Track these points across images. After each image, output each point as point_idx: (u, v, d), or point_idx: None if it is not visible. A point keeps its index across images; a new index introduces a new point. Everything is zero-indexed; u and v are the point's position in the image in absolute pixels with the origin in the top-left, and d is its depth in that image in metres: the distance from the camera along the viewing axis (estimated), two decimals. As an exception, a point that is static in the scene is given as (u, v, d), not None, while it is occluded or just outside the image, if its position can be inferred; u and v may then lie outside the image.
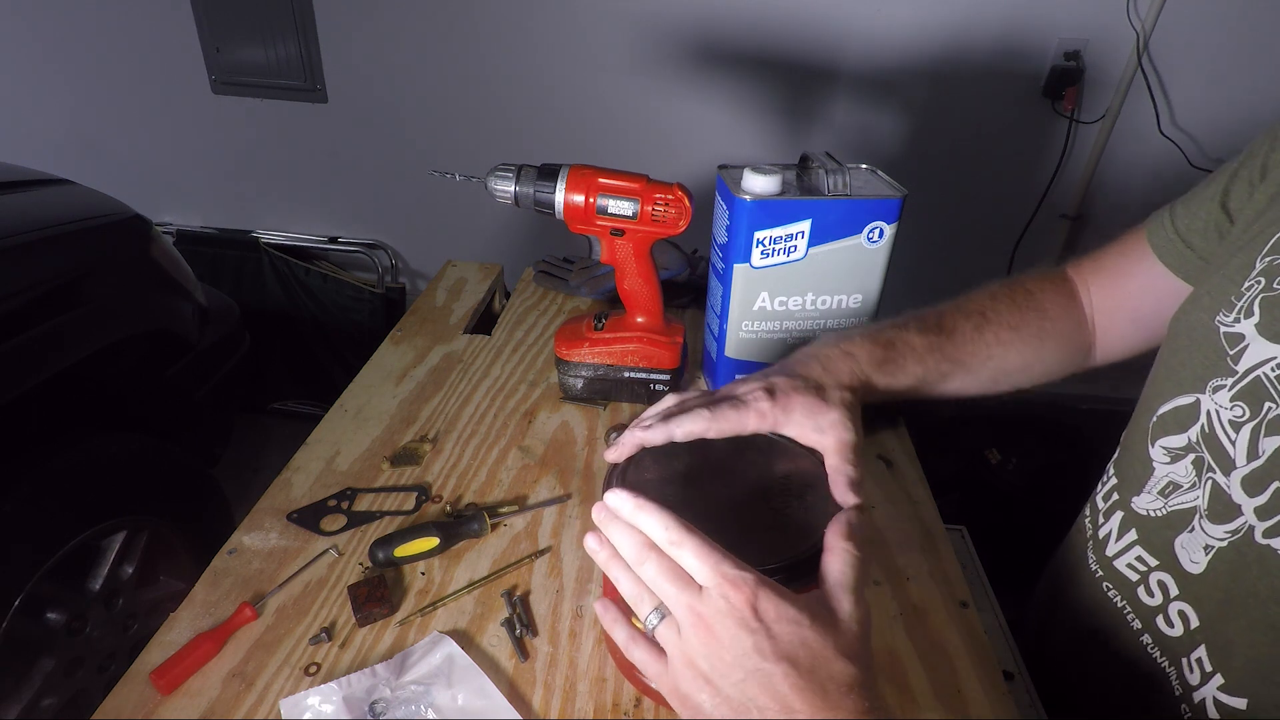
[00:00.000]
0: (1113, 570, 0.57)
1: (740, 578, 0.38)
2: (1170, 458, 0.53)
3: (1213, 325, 0.50)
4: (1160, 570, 0.53)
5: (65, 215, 1.20)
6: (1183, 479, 0.51)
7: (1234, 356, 0.48)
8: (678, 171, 0.87)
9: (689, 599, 0.39)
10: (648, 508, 0.41)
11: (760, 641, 0.37)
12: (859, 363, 0.58)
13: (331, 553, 0.64)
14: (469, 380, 0.88)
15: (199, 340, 1.39)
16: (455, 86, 1.93)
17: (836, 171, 0.71)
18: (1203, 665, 0.50)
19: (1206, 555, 0.49)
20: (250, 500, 0.69)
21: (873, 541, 0.68)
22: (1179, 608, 0.52)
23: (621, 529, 0.42)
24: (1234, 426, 0.47)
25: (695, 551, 0.39)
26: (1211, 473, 0.49)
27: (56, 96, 2.02)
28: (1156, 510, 0.53)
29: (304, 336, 2.17)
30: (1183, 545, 0.51)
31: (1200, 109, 1.80)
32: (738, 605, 0.38)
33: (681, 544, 0.40)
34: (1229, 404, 0.48)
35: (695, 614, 0.39)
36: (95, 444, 1.17)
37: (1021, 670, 0.67)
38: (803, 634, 0.38)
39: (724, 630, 0.38)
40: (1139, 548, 0.55)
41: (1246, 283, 0.49)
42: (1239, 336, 0.48)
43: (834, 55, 1.80)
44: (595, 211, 0.74)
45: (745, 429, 0.52)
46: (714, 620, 0.38)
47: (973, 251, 2.04)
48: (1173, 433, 0.53)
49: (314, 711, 0.51)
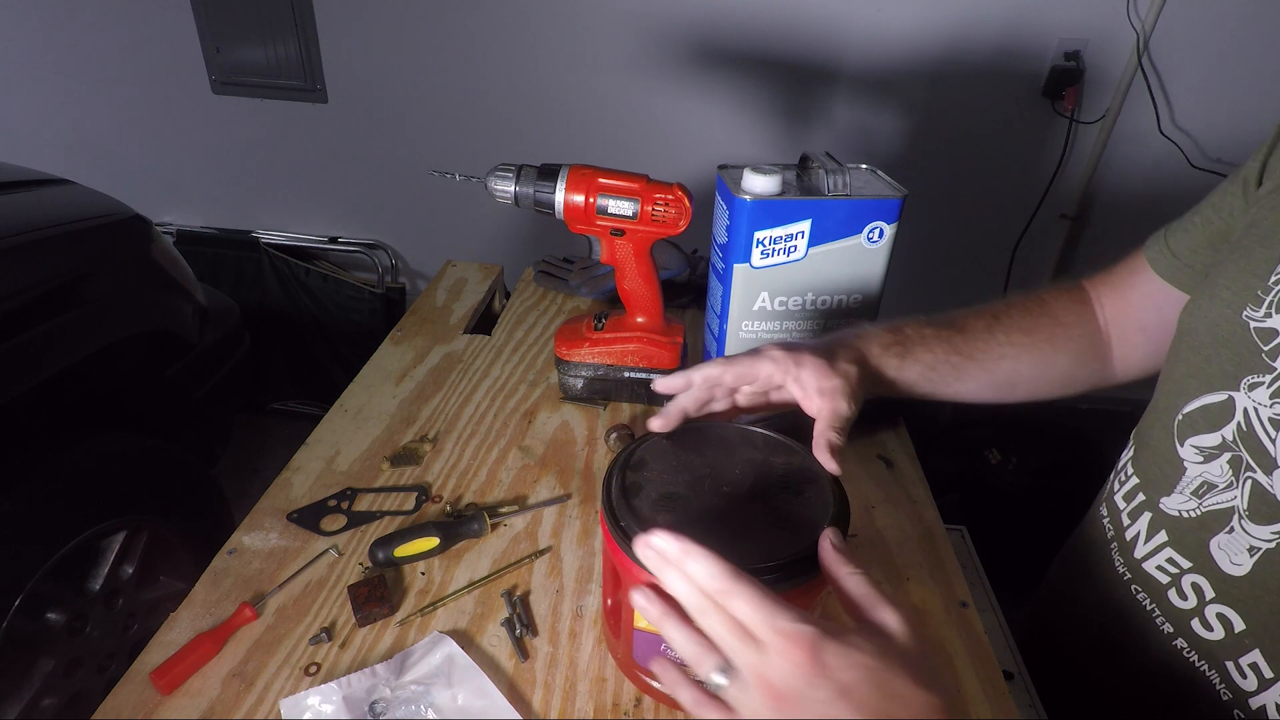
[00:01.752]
0: (1141, 572, 0.56)
1: (797, 631, 0.37)
2: (1204, 457, 0.51)
3: (1241, 320, 0.49)
4: (1194, 573, 0.52)
5: (65, 215, 1.20)
6: (1218, 479, 0.50)
7: (1269, 353, 0.47)
8: (678, 171, 0.87)
9: (751, 657, 0.38)
10: (695, 553, 0.40)
11: (832, 698, 0.36)
12: (869, 344, 0.60)
13: (331, 553, 0.64)
14: (469, 380, 0.88)
15: (199, 340, 1.39)
16: (455, 86, 1.93)
17: (836, 171, 0.71)
18: (1259, 670, 0.49)
19: (1252, 557, 0.48)
20: (250, 500, 0.69)
21: (872, 541, 0.68)
22: (1217, 610, 0.51)
23: (676, 577, 0.41)
24: (1275, 425, 0.46)
25: (748, 602, 0.38)
26: (1251, 472, 0.48)
27: (57, 96, 2.02)
28: (1190, 511, 0.52)
29: (304, 336, 2.17)
30: (1221, 546, 0.50)
31: (1200, 109, 1.80)
32: (801, 663, 0.36)
33: (731, 594, 0.38)
34: (1269, 401, 0.47)
35: (759, 676, 0.37)
36: (95, 444, 1.17)
37: (1021, 670, 0.67)
38: (874, 676, 0.37)
39: (792, 692, 0.36)
40: (1170, 549, 0.54)
41: (1273, 277, 0.48)
42: (1273, 332, 0.47)
43: (834, 55, 1.80)
44: (595, 211, 0.74)
45: (758, 374, 0.55)
46: (780, 683, 0.37)
47: (973, 251, 2.04)
48: (1203, 431, 0.52)
49: (314, 711, 0.51)
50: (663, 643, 0.48)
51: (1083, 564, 0.64)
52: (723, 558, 0.40)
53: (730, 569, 0.39)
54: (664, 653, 0.48)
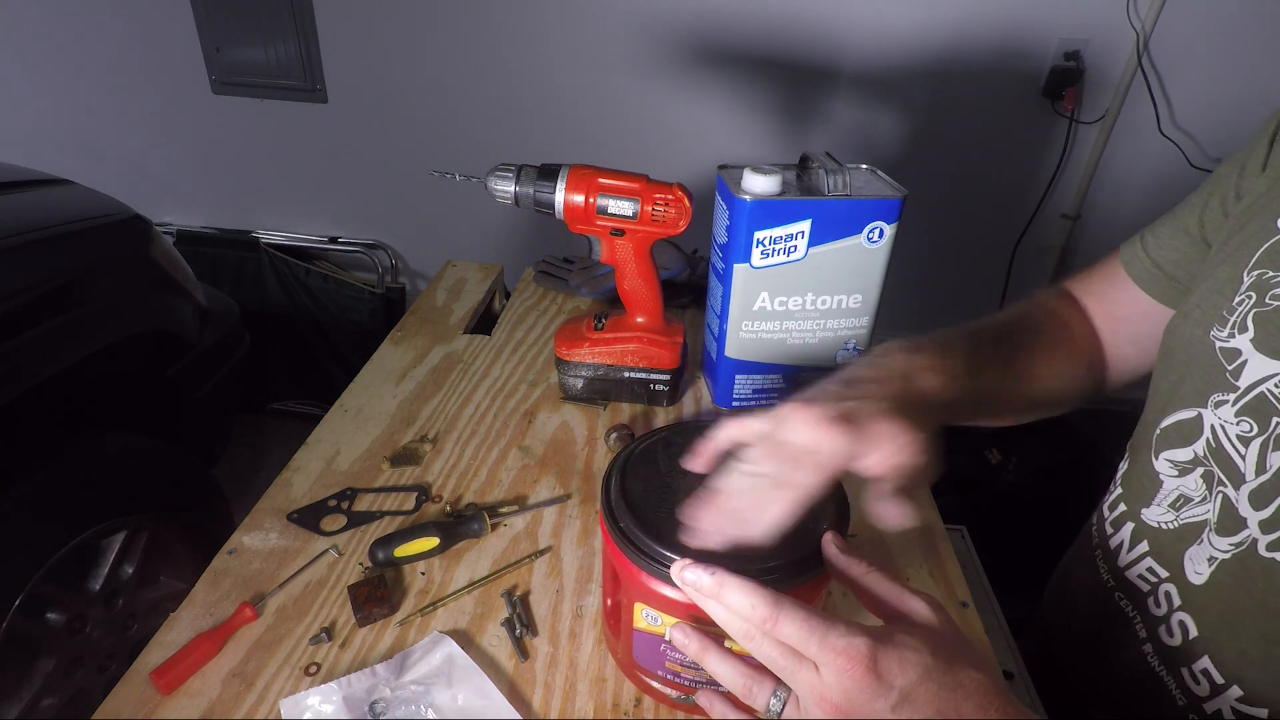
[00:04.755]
0: (1124, 580, 0.57)
1: (851, 646, 0.36)
2: (1178, 471, 0.53)
3: (1208, 340, 0.51)
4: (1168, 582, 0.53)
5: (65, 215, 1.20)
6: (1194, 493, 0.52)
7: (1233, 372, 0.49)
8: (678, 171, 0.87)
9: (808, 678, 0.37)
10: (730, 584, 0.39)
11: (897, 704, 0.36)
12: (916, 372, 0.51)
13: (331, 553, 0.64)
14: (469, 380, 0.88)
15: (199, 340, 1.39)
16: (455, 86, 1.93)
17: (836, 171, 0.71)
18: (1210, 677, 0.49)
19: (1210, 567, 0.49)
20: (250, 500, 0.69)
21: (872, 541, 0.68)
22: (1179, 618, 0.52)
23: (717, 608, 0.40)
24: (1242, 441, 0.48)
25: (795, 624, 0.38)
26: (1222, 487, 0.49)
27: (56, 96, 2.02)
28: (1168, 523, 0.53)
29: (304, 336, 2.17)
30: (1190, 558, 0.51)
31: (1200, 109, 1.80)
32: (860, 677, 0.36)
33: (777, 619, 0.38)
34: (1234, 419, 0.48)
35: (820, 696, 0.37)
36: (95, 444, 1.17)
37: (1021, 670, 0.67)
38: (932, 672, 0.37)
39: (857, 707, 0.36)
40: (1150, 559, 0.55)
41: (1237, 297, 0.49)
42: (1236, 352, 0.49)
43: (834, 55, 1.80)
44: (595, 211, 0.74)
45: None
46: (842, 699, 0.37)
47: (973, 251, 2.04)
48: (1176, 446, 0.53)
49: (314, 711, 0.51)
50: (662, 645, 0.48)
51: (1076, 570, 0.65)
52: (719, 565, 0.40)
53: (770, 594, 0.39)
54: (709, 685, 0.48)
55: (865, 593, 0.42)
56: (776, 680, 0.40)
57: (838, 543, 0.44)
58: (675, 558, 0.42)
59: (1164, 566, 0.54)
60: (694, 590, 0.41)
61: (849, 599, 0.60)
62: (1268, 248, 0.49)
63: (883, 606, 0.42)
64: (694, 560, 0.41)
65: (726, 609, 0.40)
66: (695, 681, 0.49)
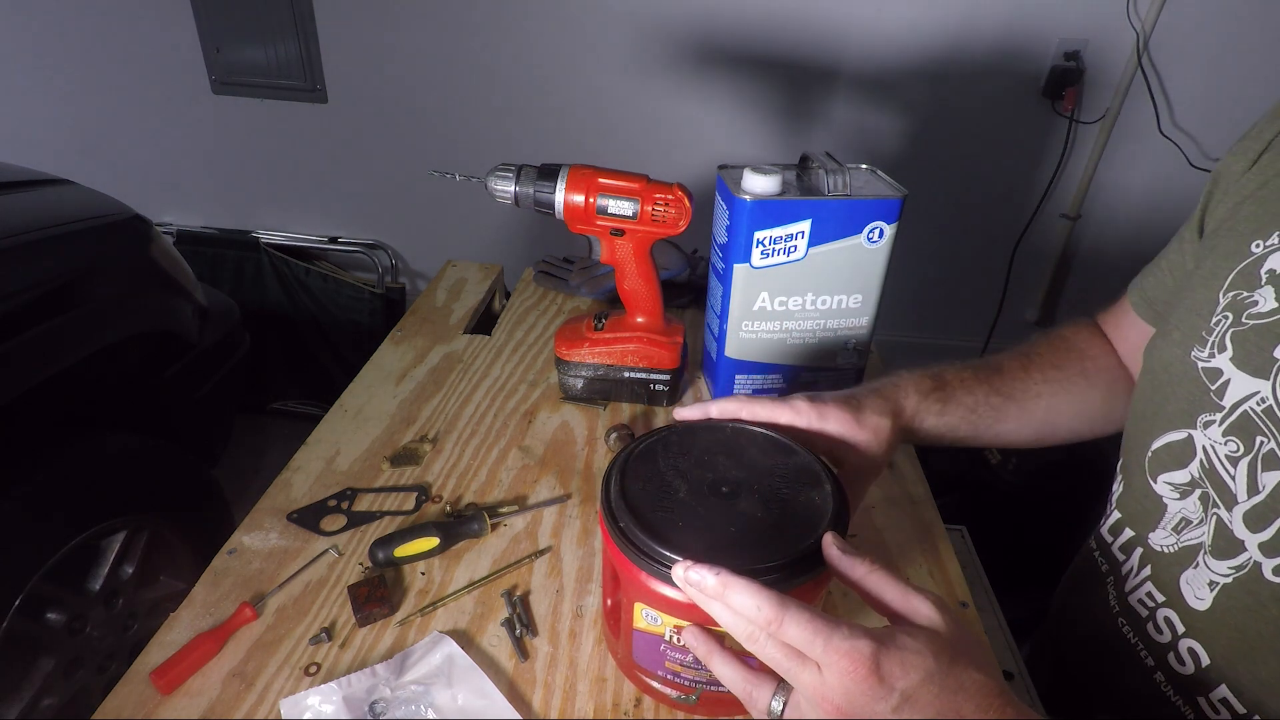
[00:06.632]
0: (1126, 605, 0.57)
1: (853, 648, 0.37)
2: (1179, 494, 0.53)
3: (1189, 360, 0.51)
4: (1166, 607, 0.53)
5: (65, 215, 1.20)
6: (1192, 515, 0.51)
7: (1217, 391, 0.49)
8: (678, 171, 0.87)
9: (811, 679, 0.38)
10: (734, 585, 0.39)
11: (898, 705, 0.36)
12: (907, 393, 0.59)
13: (331, 553, 0.64)
14: (469, 380, 0.88)
15: (199, 340, 1.39)
16: (455, 87, 1.93)
17: (836, 171, 0.71)
18: (1230, 706, 0.49)
19: (1211, 592, 0.49)
20: (250, 500, 0.69)
21: (872, 542, 0.68)
22: (1188, 645, 0.51)
23: (721, 609, 0.40)
24: (1231, 461, 0.48)
25: (800, 625, 0.38)
26: (1216, 508, 0.49)
27: (56, 97, 2.02)
28: (1169, 546, 0.53)
29: (304, 336, 2.17)
30: (1188, 581, 0.51)
31: (1200, 109, 1.80)
32: (863, 678, 0.36)
33: (781, 620, 0.38)
34: (1222, 439, 0.48)
35: (822, 697, 0.37)
36: (95, 444, 1.17)
37: (1022, 670, 0.67)
38: (934, 675, 0.37)
39: (858, 709, 0.37)
40: (1149, 584, 0.55)
41: (1215, 317, 0.50)
42: (1217, 371, 0.49)
43: (834, 55, 1.80)
44: (595, 211, 0.74)
45: (778, 418, 0.54)
46: (844, 701, 0.37)
47: (973, 251, 2.04)
48: (1172, 468, 0.53)
49: (314, 711, 0.51)
50: (662, 645, 0.48)
51: (1079, 593, 0.65)
52: (720, 564, 0.40)
53: (775, 596, 0.39)
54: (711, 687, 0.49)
55: (868, 593, 0.42)
56: (777, 681, 0.41)
57: (838, 543, 0.44)
58: (675, 558, 0.42)
59: (1161, 591, 0.54)
60: (697, 591, 0.41)
61: (849, 598, 0.60)
62: (1241, 269, 0.49)
63: (886, 606, 0.42)
64: (695, 561, 0.41)
65: (730, 610, 0.40)
66: (695, 682, 0.49)
